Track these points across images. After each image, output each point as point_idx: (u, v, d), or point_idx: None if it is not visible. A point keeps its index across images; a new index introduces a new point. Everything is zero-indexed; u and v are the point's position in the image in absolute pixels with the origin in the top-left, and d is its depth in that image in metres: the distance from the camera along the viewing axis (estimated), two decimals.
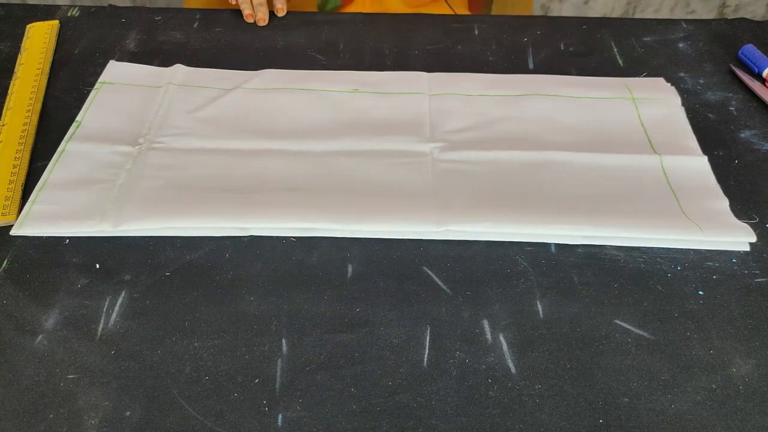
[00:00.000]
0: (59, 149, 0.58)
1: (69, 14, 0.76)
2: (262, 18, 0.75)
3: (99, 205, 0.53)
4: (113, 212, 0.53)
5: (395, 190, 0.55)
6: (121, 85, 0.66)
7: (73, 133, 0.60)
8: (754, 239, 0.52)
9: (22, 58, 0.69)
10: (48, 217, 0.53)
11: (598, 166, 0.58)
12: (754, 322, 0.48)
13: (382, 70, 0.69)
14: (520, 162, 0.58)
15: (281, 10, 0.77)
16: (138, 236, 0.52)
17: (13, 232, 0.52)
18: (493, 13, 0.90)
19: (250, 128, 0.61)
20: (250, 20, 0.75)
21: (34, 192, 0.54)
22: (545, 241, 0.53)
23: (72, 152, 0.58)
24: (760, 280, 0.51)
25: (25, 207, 0.53)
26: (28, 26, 0.73)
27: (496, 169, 0.58)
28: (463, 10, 0.87)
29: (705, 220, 0.53)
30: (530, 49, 0.73)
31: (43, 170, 0.56)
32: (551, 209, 0.54)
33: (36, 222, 0.52)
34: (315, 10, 0.85)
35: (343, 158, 0.58)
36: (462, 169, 0.58)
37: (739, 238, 0.52)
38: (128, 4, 1.57)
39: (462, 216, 0.53)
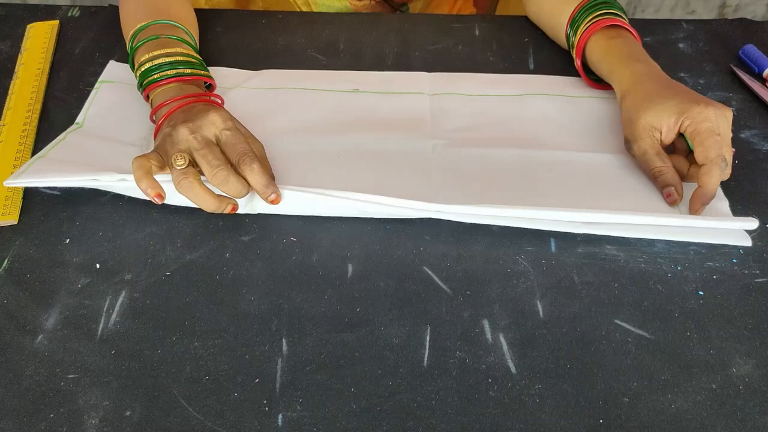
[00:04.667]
0: (59, 137, 0.58)
1: (69, 14, 0.76)
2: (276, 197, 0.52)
3: (98, 167, 0.53)
4: (115, 171, 0.53)
5: (396, 189, 0.55)
6: (122, 84, 0.66)
7: (72, 131, 0.60)
8: (756, 224, 0.52)
9: (23, 58, 0.69)
10: (44, 171, 0.52)
11: (598, 166, 0.58)
12: (754, 322, 0.48)
13: (383, 70, 0.69)
14: (520, 161, 0.58)
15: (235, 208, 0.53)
16: (138, 236, 0.52)
17: (6, 183, 0.52)
18: (497, 12, 0.90)
19: (249, 128, 0.61)
20: (235, 210, 0.53)
21: (31, 159, 0.54)
22: (545, 229, 0.52)
23: (71, 142, 0.58)
24: (760, 280, 0.51)
25: (21, 166, 0.53)
26: (28, 26, 0.73)
27: (496, 168, 0.58)
28: (468, 8, 0.87)
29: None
30: (531, 49, 0.73)
31: None
32: (552, 203, 0.54)
33: (32, 175, 0.52)
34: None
35: (343, 158, 0.58)
36: (462, 168, 0.58)
37: (741, 225, 0.52)
38: None
39: (463, 206, 0.52)
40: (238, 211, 0.53)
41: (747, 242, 0.52)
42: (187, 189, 0.50)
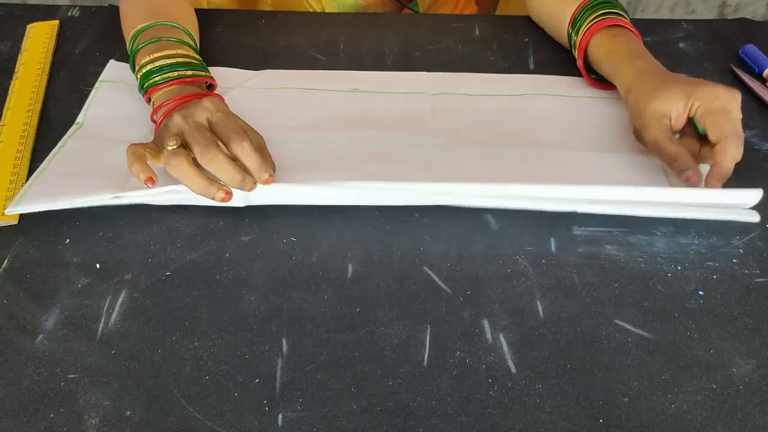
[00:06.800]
0: (60, 144, 0.58)
1: (69, 14, 0.76)
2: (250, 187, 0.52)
3: (99, 183, 0.53)
4: (115, 186, 0.52)
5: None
6: (122, 83, 0.66)
7: (73, 133, 0.60)
8: (759, 195, 0.51)
9: (23, 58, 0.69)
10: (45, 195, 0.52)
11: (598, 166, 0.58)
12: (754, 322, 0.48)
13: (382, 70, 0.69)
14: (520, 161, 0.58)
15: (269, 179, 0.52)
16: (138, 236, 0.52)
17: (8, 211, 0.52)
18: (498, 11, 0.90)
19: None
20: (229, 198, 0.52)
21: (32, 176, 0.54)
22: (544, 209, 0.52)
23: (72, 147, 0.58)
24: (760, 280, 0.51)
25: (22, 189, 0.53)
26: (28, 26, 0.73)
27: (496, 167, 0.58)
28: (471, 7, 0.87)
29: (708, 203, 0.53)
30: (530, 49, 0.73)
31: None
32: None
33: (33, 200, 0.52)
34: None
35: (343, 157, 0.58)
36: (462, 166, 0.58)
37: (747, 197, 0.52)
38: None
39: (460, 185, 0.53)
40: (234, 205, 0.53)
41: (755, 218, 0.52)
42: (176, 167, 0.50)
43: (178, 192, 0.52)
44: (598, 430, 0.42)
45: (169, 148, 0.50)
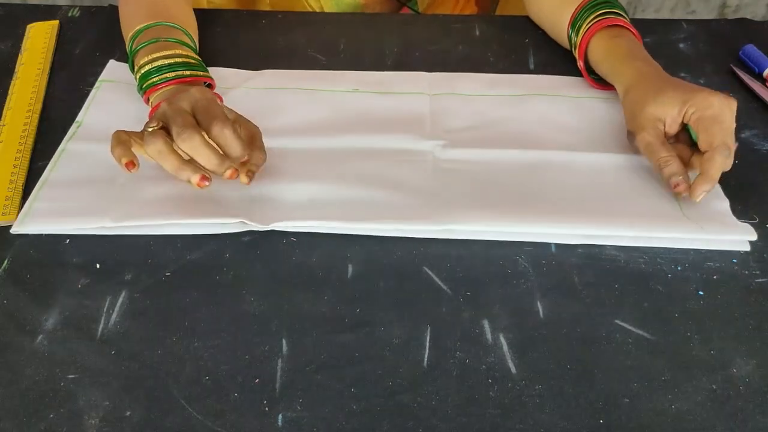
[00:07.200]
0: (60, 149, 0.58)
1: (69, 14, 0.76)
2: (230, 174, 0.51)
3: (100, 203, 0.53)
4: (114, 209, 0.53)
5: (395, 189, 0.55)
6: (122, 83, 0.66)
7: (73, 133, 0.60)
8: (754, 237, 0.52)
9: (23, 58, 0.69)
10: (48, 215, 0.53)
11: (598, 166, 0.58)
12: (754, 323, 0.48)
13: (382, 70, 0.69)
14: (520, 162, 0.59)
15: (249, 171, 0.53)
16: (138, 236, 0.52)
17: (13, 230, 0.52)
18: (497, 12, 0.90)
19: None
20: (205, 184, 0.51)
21: (34, 190, 0.55)
22: (545, 241, 0.53)
23: (73, 152, 0.58)
24: (760, 280, 0.51)
25: (25, 205, 0.53)
26: (28, 26, 0.73)
27: (496, 168, 0.58)
28: (470, 7, 0.87)
29: (705, 220, 0.53)
30: (531, 49, 0.73)
31: (44, 170, 0.56)
32: (551, 209, 0.54)
33: (36, 219, 0.52)
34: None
35: (343, 157, 0.58)
36: (462, 168, 0.58)
37: (740, 236, 0.52)
38: None
39: (462, 215, 0.53)
40: (231, 231, 0.53)
41: (745, 247, 0.52)
42: (152, 145, 0.50)
43: (178, 224, 0.52)
44: (598, 430, 0.42)
45: (150, 129, 0.51)
